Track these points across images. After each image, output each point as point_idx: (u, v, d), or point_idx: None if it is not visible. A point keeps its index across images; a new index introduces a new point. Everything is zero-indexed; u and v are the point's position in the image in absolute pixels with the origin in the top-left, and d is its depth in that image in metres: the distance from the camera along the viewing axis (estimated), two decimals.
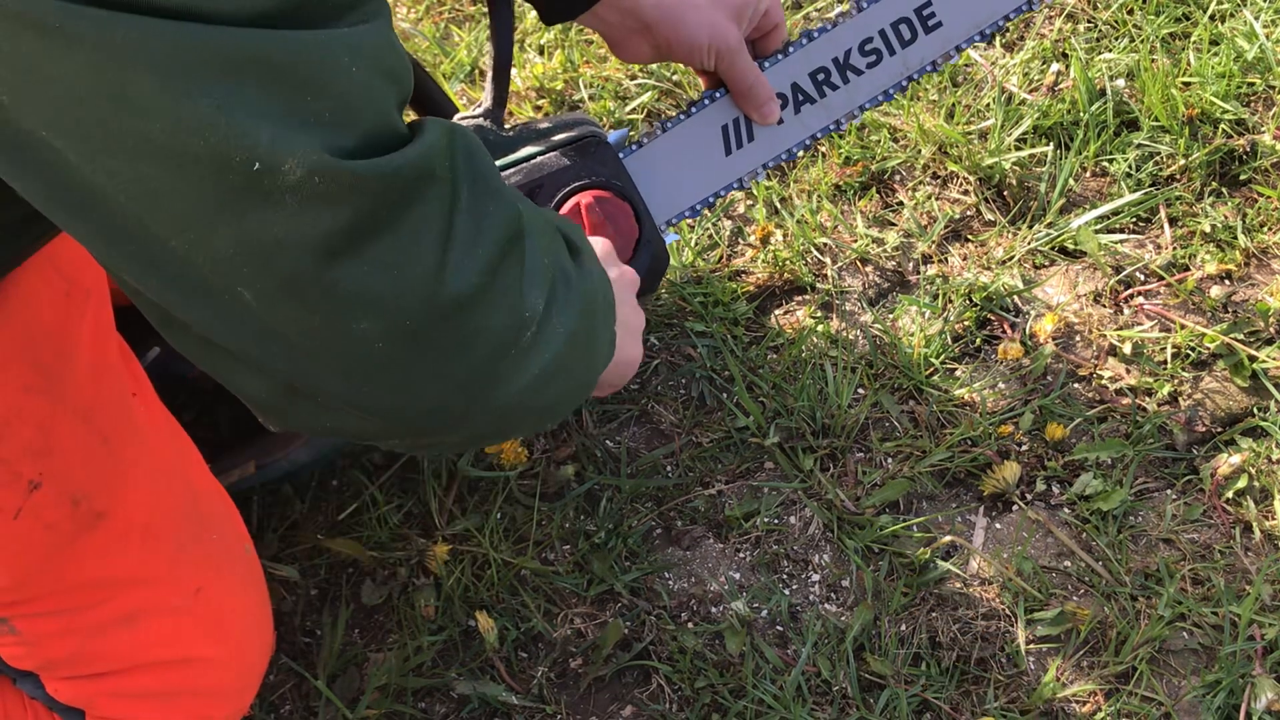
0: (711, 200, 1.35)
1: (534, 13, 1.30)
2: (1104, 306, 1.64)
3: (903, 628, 1.42)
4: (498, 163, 1.24)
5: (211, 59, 0.70)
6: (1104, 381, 1.58)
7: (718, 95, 1.33)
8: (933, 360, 1.60)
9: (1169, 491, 1.50)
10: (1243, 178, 1.73)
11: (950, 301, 1.64)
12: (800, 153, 1.37)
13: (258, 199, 0.73)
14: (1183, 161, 1.73)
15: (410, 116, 0.99)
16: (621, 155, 1.29)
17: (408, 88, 0.82)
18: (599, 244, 1.18)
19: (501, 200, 0.85)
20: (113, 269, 0.80)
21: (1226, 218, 1.69)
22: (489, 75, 1.26)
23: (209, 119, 0.71)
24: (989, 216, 1.73)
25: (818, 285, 1.67)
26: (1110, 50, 1.85)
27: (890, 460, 1.54)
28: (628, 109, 1.84)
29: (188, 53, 0.70)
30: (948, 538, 1.48)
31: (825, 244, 1.70)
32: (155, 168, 0.72)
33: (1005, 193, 1.74)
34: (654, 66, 1.86)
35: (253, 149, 0.72)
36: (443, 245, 0.79)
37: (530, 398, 0.89)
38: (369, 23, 0.77)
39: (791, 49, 1.34)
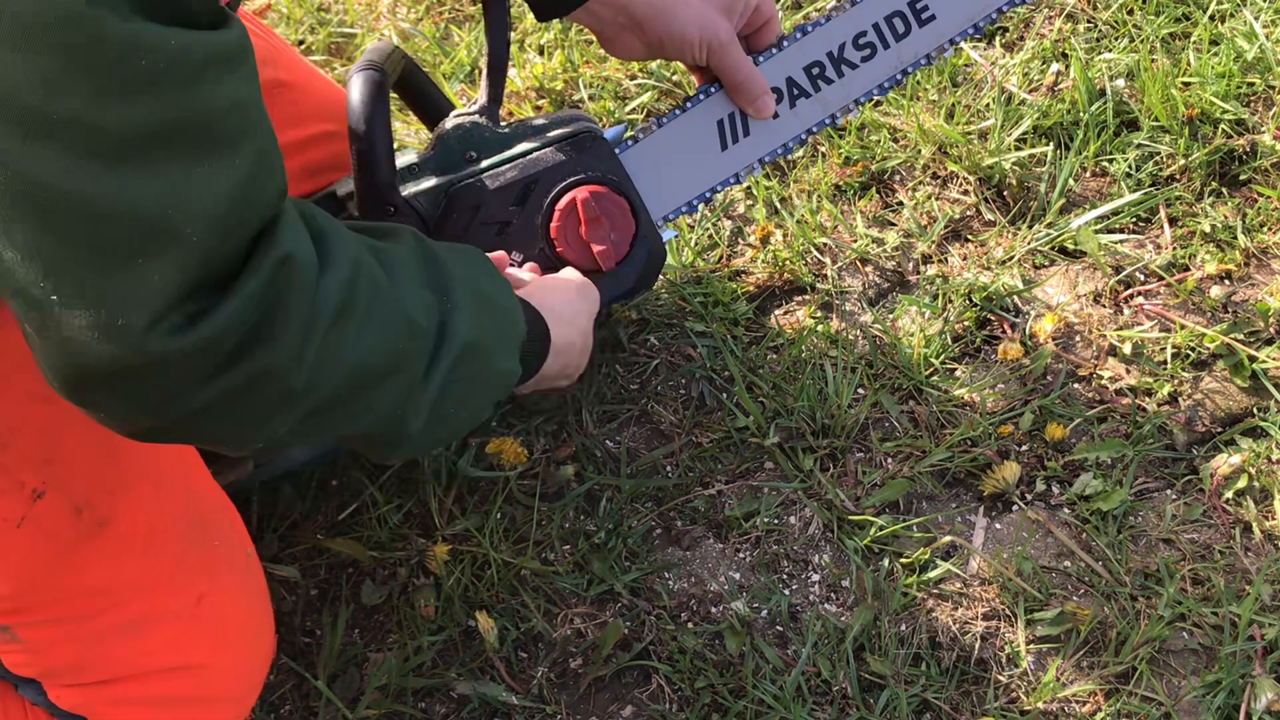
0: (708, 195, 1.35)
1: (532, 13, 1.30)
2: (1104, 306, 1.64)
3: (903, 628, 1.42)
4: (494, 159, 1.24)
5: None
6: (1104, 381, 1.58)
7: (713, 90, 1.33)
8: (933, 360, 1.59)
9: (1169, 491, 1.50)
10: (1243, 178, 1.73)
11: (950, 301, 1.64)
12: (796, 147, 1.37)
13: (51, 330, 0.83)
14: (1183, 161, 1.73)
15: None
16: (617, 151, 1.29)
17: (267, 214, 0.86)
18: (555, 279, 1.24)
19: (272, 354, 0.88)
20: None
21: (1226, 218, 1.69)
22: (484, 72, 1.26)
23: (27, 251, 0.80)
24: (989, 216, 1.73)
25: (818, 285, 1.67)
26: (1110, 50, 1.85)
27: (890, 460, 1.53)
28: (627, 109, 1.84)
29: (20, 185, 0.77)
30: (947, 538, 1.47)
31: (825, 244, 1.70)
32: None
33: (1005, 193, 1.74)
34: (653, 66, 1.87)
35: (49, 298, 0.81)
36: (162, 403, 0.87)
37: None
38: (228, 173, 0.82)
39: (785, 43, 1.34)
